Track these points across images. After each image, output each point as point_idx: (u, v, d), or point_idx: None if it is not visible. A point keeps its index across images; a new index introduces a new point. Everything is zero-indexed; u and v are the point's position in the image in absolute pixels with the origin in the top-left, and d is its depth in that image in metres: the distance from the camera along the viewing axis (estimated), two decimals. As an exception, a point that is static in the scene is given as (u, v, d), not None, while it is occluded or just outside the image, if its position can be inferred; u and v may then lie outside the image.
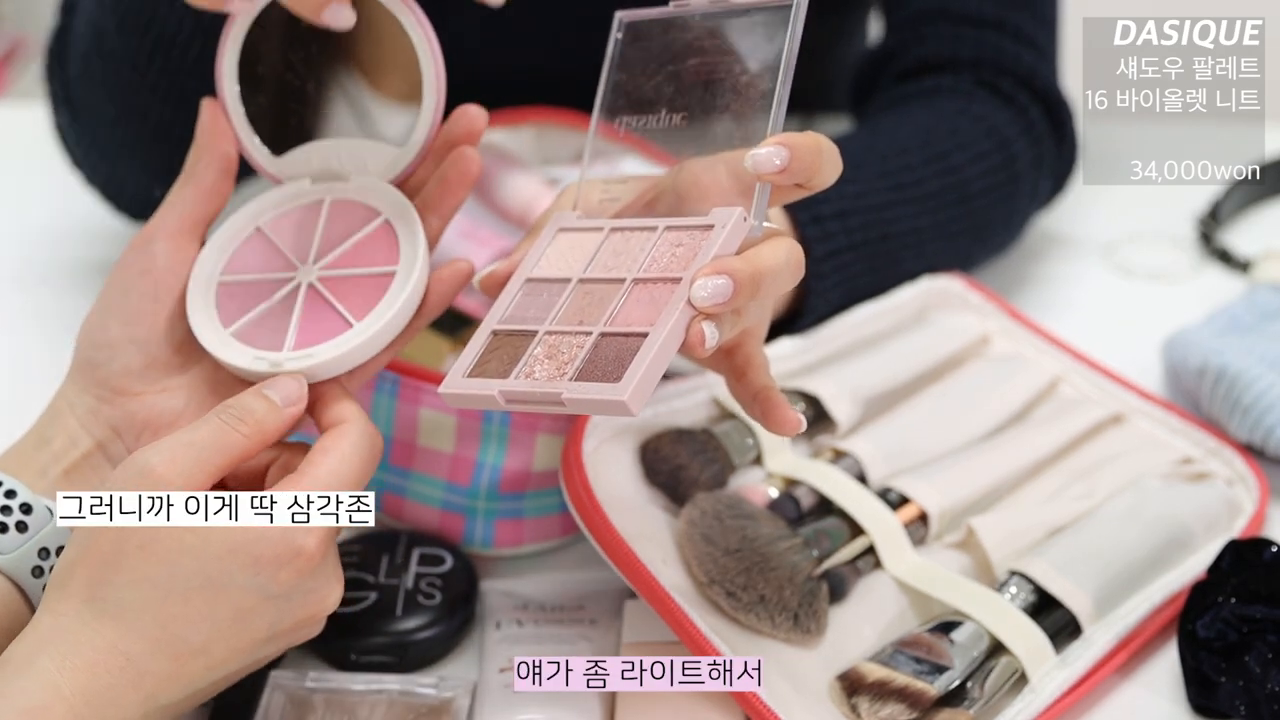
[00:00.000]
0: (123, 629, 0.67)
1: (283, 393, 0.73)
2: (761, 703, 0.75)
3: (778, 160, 0.70)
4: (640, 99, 0.77)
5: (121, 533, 0.68)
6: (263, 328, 0.77)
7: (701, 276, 0.69)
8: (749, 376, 0.75)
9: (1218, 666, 0.79)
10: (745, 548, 0.80)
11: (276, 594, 0.70)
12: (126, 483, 0.69)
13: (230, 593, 0.68)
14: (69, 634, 0.67)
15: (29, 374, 0.95)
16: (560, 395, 0.69)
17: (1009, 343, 1.01)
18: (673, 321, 0.69)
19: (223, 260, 0.79)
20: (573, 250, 0.76)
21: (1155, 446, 0.94)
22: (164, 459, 0.69)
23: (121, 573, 0.67)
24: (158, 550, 0.67)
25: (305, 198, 0.81)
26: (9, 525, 0.73)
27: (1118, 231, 1.20)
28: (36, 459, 0.76)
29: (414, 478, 0.89)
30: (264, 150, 0.81)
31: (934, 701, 0.76)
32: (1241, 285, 1.13)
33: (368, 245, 0.79)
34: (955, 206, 1.04)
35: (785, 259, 0.71)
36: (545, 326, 0.73)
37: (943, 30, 1.12)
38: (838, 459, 0.89)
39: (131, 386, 0.77)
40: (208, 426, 0.71)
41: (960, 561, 0.85)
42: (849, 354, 0.97)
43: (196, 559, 0.68)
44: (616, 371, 0.68)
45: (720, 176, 0.74)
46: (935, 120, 1.07)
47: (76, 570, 0.68)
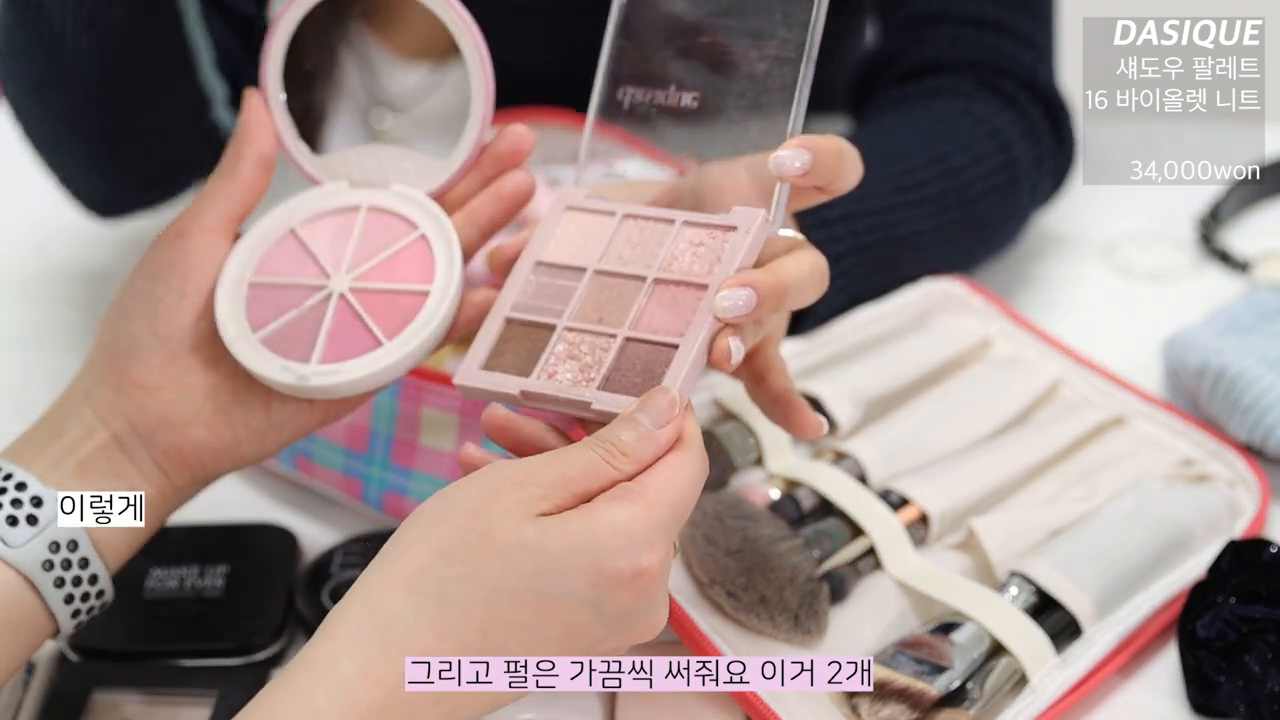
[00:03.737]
0: (441, 632, 0.62)
1: (654, 414, 0.67)
2: (761, 703, 0.76)
3: (799, 163, 0.70)
4: (646, 71, 0.76)
5: (468, 520, 0.63)
6: (290, 336, 0.76)
7: (727, 288, 0.69)
8: (769, 380, 0.75)
9: (1218, 666, 0.79)
10: (746, 548, 0.80)
11: (609, 614, 0.64)
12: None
13: (563, 604, 0.63)
14: (383, 633, 0.62)
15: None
16: (590, 404, 0.69)
17: (1010, 345, 1.01)
18: (702, 336, 0.69)
19: (254, 260, 0.77)
20: (584, 234, 0.75)
21: (1156, 448, 0.94)
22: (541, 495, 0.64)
23: (456, 563, 0.62)
24: (497, 541, 0.62)
25: (342, 202, 0.79)
26: (19, 519, 0.71)
27: (1118, 232, 1.20)
28: (50, 449, 0.74)
29: (415, 477, 0.89)
30: (305, 149, 0.80)
31: (934, 702, 0.76)
32: (1241, 285, 1.13)
33: (403, 260, 0.77)
34: (957, 209, 1.04)
35: (810, 272, 0.71)
36: (564, 321, 0.72)
37: (942, 32, 1.11)
38: (839, 460, 0.89)
39: (151, 381, 0.75)
40: (583, 460, 0.65)
41: (961, 562, 0.85)
42: (850, 356, 0.97)
43: (535, 558, 0.62)
44: (647, 385, 0.68)
45: (742, 180, 0.74)
46: (936, 122, 1.07)
47: (410, 551, 0.63)
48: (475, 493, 0.64)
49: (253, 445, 0.76)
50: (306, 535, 0.91)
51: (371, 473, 0.90)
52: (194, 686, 0.80)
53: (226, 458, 0.76)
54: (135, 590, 0.85)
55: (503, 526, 0.63)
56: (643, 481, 0.65)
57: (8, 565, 0.70)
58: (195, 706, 0.79)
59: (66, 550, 0.72)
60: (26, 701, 0.80)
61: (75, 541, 0.72)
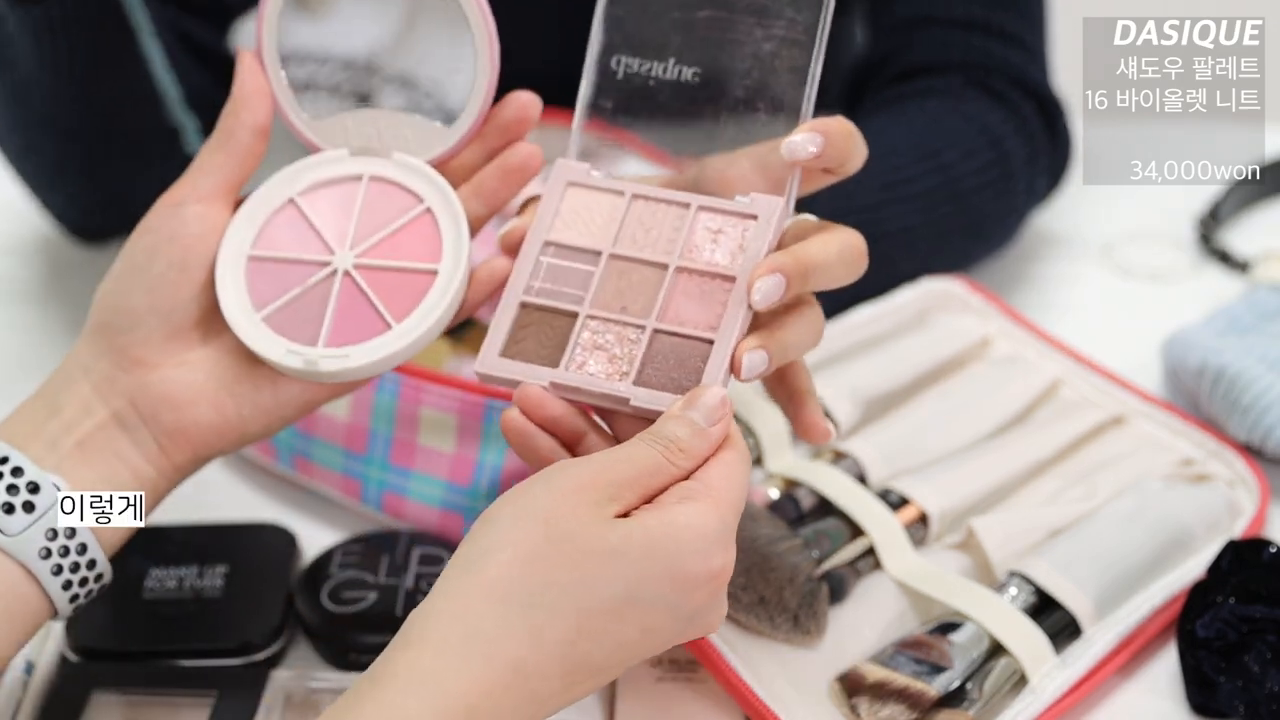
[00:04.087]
0: (533, 641, 0.61)
1: (705, 412, 0.67)
2: (761, 703, 0.76)
3: (813, 147, 0.70)
4: (642, 41, 0.74)
5: (549, 527, 0.62)
6: (295, 315, 0.74)
7: (759, 278, 0.69)
8: (788, 377, 0.76)
9: (1217, 666, 0.79)
10: (745, 549, 0.80)
11: (684, 614, 0.64)
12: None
13: (645, 608, 0.63)
14: (475, 643, 0.61)
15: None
16: (628, 400, 0.69)
17: (1010, 345, 1.01)
18: (736, 331, 0.69)
19: (253, 231, 0.75)
20: (590, 212, 0.74)
21: (1156, 448, 0.94)
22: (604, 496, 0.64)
23: (544, 572, 0.62)
24: (583, 546, 0.62)
25: (342, 171, 0.77)
26: (15, 506, 0.69)
27: (1117, 231, 1.20)
28: (46, 429, 0.72)
29: (414, 477, 0.89)
30: (303, 115, 0.77)
31: (934, 702, 0.76)
32: (1241, 285, 1.13)
33: (408, 235, 0.75)
34: (948, 204, 1.04)
35: (839, 252, 0.71)
36: (584, 309, 0.71)
37: (931, 35, 1.12)
38: (838, 460, 0.89)
39: (151, 357, 0.73)
40: (647, 460, 0.65)
41: (960, 562, 0.85)
42: (850, 355, 0.97)
43: (619, 565, 0.62)
44: (683, 380, 0.69)
45: (745, 170, 0.74)
46: (926, 120, 1.07)
47: (494, 559, 0.62)
48: (549, 496, 0.64)
49: (258, 423, 0.75)
50: (306, 535, 0.91)
51: (370, 473, 0.90)
52: (193, 686, 0.80)
53: (231, 436, 0.75)
54: (134, 590, 0.85)
55: (585, 533, 0.62)
56: (704, 480, 0.66)
57: (5, 554, 0.69)
58: (195, 706, 0.79)
59: (64, 538, 0.70)
60: (26, 702, 0.80)
61: (73, 529, 0.70)
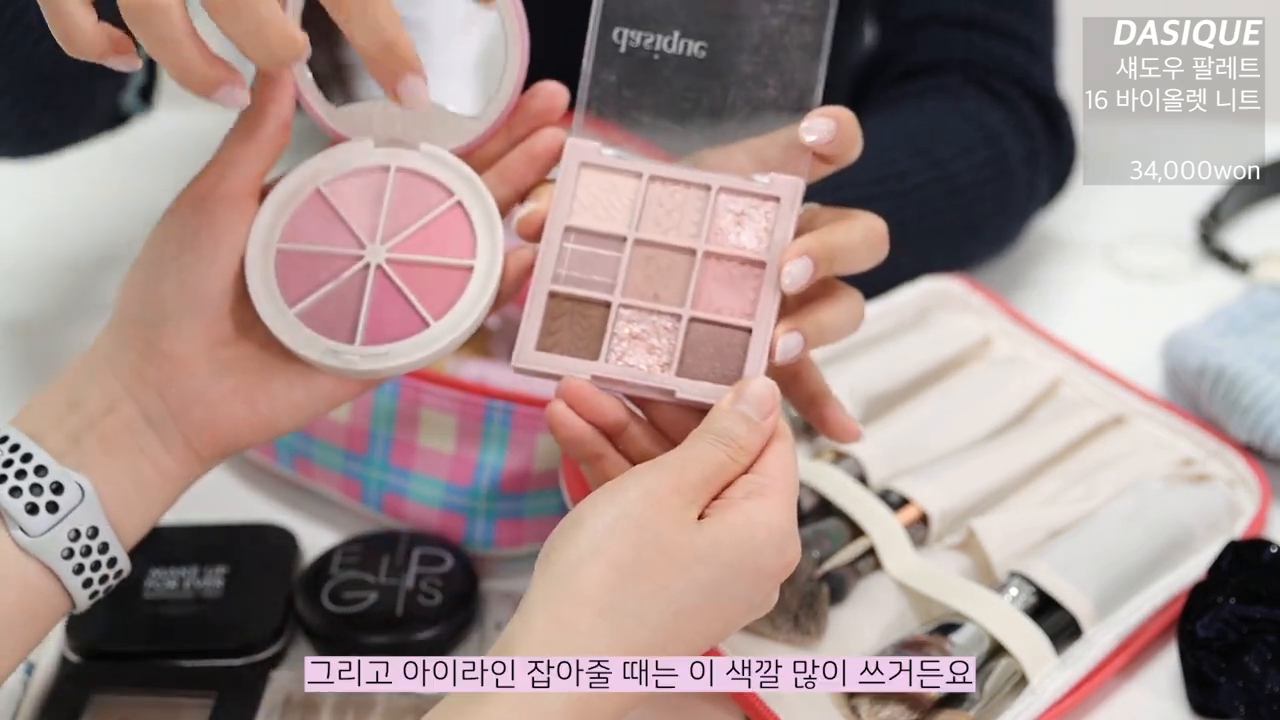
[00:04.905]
0: (629, 648, 0.62)
1: (756, 405, 0.68)
2: (761, 703, 0.76)
3: (829, 131, 0.71)
4: (644, 12, 0.73)
5: (640, 534, 0.63)
6: (329, 311, 0.73)
7: (788, 262, 0.69)
8: (802, 380, 0.76)
9: (1217, 667, 0.79)
10: (746, 549, 0.80)
11: (755, 604, 0.66)
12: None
13: (726, 605, 0.64)
14: (579, 654, 0.62)
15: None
16: (674, 393, 0.69)
17: (1010, 344, 1.01)
18: (773, 317, 0.69)
19: (281, 222, 0.74)
20: (609, 195, 0.73)
21: (1156, 448, 0.94)
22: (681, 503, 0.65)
23: (643, 580, 0.62)
24: (675, 554, 0.63)
25: (369, 161, 0.75)
26: (39, 506, 0.67)
27: (1118, 232, 1.20)
28: (67, 422, 0.70)
29: (414, 478, 0.89)
30: (326, 103, 0.76)
31: (934, 703, 0.76)
32: (1241, 285, 1.13)
33: (440, 229, 0.74)
34: (942, 200, 1.04)
35: (862, 237, 0.72)
36: (617, 298, 0.71)
37: (934, 34, 1.12)
38: (838, 460, 0.89)
39: (183, 351, 0.71)
40: (715, 460, 0.66)
41: (961, 563, 0.85)
42: (849, 354, 0.97)
43: (710, 569, 0.63)
44: (725, 370, 0.69)
45: (744, 165, 0.74)
46: (922, 118, 1.08)
47: (587, 569, 0.63)
48: (634, 502, 0.64)
49: (289, 417, 0.74)
50: (306, 536, 0.91)
51: (371, 474, 0.90)
52: (194, 687, 0.80)
53: (262, 432, 0.74)
54: (135, 591, 0.85)
55: (677, 541, 0.63)
56: (766, 474, 0.67)
57: (28, 555, 0.68)
58: (195, 707, 0.79)
59: (86, 537, 0.69)
60: (26, 702, 0.80)
61: (95, 528, 0.69)
